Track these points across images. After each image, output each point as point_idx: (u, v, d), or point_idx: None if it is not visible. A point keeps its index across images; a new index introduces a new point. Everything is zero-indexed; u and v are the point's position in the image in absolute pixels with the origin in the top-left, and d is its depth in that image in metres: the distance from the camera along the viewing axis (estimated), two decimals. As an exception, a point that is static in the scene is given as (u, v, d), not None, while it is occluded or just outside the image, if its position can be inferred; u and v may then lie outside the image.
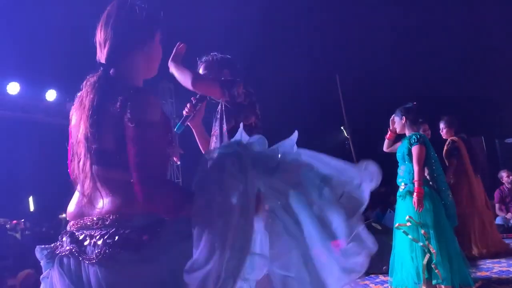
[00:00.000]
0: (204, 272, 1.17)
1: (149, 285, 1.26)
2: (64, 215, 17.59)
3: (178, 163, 1.92)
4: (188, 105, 2.65)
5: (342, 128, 15.13)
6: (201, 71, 2.74)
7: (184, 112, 2.66)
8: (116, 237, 1.28)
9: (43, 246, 1.44)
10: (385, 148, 4.60)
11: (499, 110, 13.62)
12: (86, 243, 1.32)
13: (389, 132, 4.40)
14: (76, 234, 1.37)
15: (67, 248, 1.35)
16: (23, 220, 15.40)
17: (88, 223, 1.36)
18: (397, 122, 4.12)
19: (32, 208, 23.20)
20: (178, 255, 1.28)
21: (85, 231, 1.35)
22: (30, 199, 23.53)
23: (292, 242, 1.41)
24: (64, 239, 1.40)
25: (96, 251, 1.27)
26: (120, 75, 1.50)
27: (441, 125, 5.68)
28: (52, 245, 1.43)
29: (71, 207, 1.46)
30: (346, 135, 14.86)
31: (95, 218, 1.35)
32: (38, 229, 12.08)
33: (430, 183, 3.95)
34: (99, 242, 1.28)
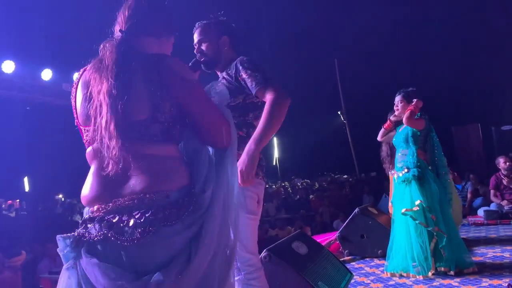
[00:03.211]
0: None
1: (182, 246, 1.32)
2: (60, 196, 17.63)
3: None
4: None
5: (339, 113, 15.14)
6: (196, 36, 2.40)
7: None
8: (159, 215, 1.29)
9: (65, 235, 1.36)
10: (379, 137, 4.57)
11: (495, 97, 13.65)
12: (122, 224, 1.29)
13: (387, 122, 4.36)
14: (107, 218, 1.32)
15: (100, 233, 1.30)
16: (18, 200, 15.43)
17: (120, 205, 1.32)
18: (405, 105, 4.02)
19: (27, 188, 23.24)
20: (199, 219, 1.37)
21: (118, 214, 1.31)
22: (25, 179, 23.55)
23: None
24: (90, 226, 1.34)
25: (139, 230, 1.27)
26: (137, 46, 1.50)
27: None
28: (74, 233, 1.36)
29: (91, 191, 1.39)
30: (343, 120, 14.88)
31: (129, 199, 1.32)
32: (33, 209, 12.09)
33: (430, 167, 3.95)
34: (141, 221, 1.28)
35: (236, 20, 2.43)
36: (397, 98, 4.10)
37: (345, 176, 18.55)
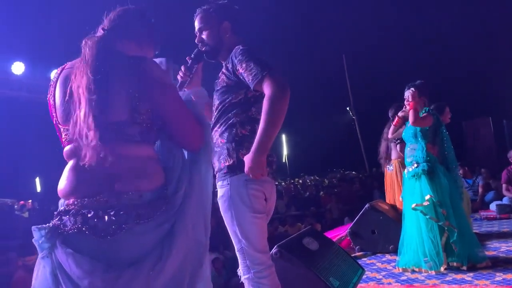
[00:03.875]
0: None
1: (155, 243, 1.38)
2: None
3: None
4: (182, 68, 2.20)
5: (348, 109, 15.08)
6: (196, 24, 2.27)
7: (178, 78, 2.20)
8: (131, 214, 1.34)
9: (39, 226, 1.38)
10: (390, 134, 4.55)
11: (507, 91, 13.50)
12: (96, 220, 1.33)
13: (396, 118, 4.33)
14: (82, 212, 1.35)
15: (74, 227, 1.34)
16: (30, 200, 15.58)
17: (96, 201, 1.36)
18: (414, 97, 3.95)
19: (39, 188, 23.47)
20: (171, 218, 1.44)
21: (94, 209, 1.35)
22: (37, 179, 23.79)
23: None
24: (66, 218, 1.37)
25: (113, 227, 1.32)
26: (117, 46, 1.54)
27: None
28: (49, 224, 1.39)
29: (67, 184, 1.42)
30: (352, 115, 14.81)
31: (105, 195, 1.36)
32: (45, 209, 12.19)
33: (440, 161, 3.91)
34: (114, 218, 1.32)
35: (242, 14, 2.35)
36: (407, 93, 4.05)
37: (354, 172, 18.47)
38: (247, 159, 1.94)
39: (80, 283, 1.29)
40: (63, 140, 1.48)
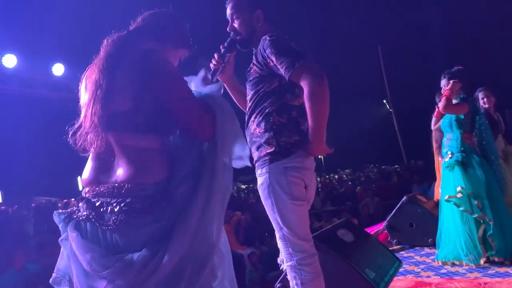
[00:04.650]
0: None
1: (155, 238, 1.40)
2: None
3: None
4: (216, 56, 2.18)
5: (384, 101, 14.78)
6: (228, 11, 2.22)
7: (211, 66, 2.18)
8: (132, 206, 1.38)
9: (60, 211, 1.54)
10: (432, 126, 4.41)
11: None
12: (102, 209, 1.41)
13: (436, 109, 4.19)
14: (92, 200, 1.44)
15: (84, 213, 1.44)
16: (73, 199, 16.15)
17: (104, 190, 1.43)
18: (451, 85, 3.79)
19: (80, 187, 24.32)
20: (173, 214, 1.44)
21: (101, 198, 1.42)
22: (78, 178, 24.65)
23: None
24: (80, 204, 1.48)
25: (113, 218, 1.38)
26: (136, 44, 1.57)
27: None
28: (69, 210, 1.53)
29: (86, 173, 1.51)
30: (389, 108, 14.51)
31: (110, 187, 1.42)
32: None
33: (478, 151, 3.77)
34: (116, 209, 1.38)
35: (278, 18, 2.32)
36: (443, 82, 3.90)
37: (394, 166, 18.11)
38: (311, 154, 2.05)
39: (82, 257, 1.39)
40: (74, 129, 1.58)
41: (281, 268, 2.17)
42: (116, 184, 1.42)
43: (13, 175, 14.20)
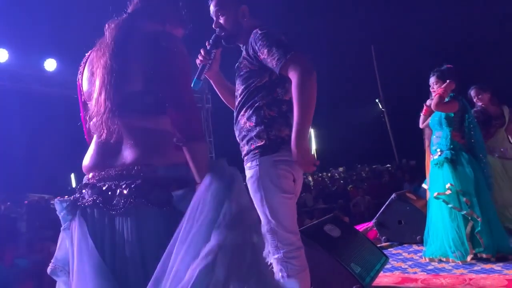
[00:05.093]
0: None
1: (168, 231, 1.30)
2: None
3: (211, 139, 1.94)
4: (202, 52, 2.16)
5: (377, 101, 14.85)
6: (211, 8, 2.21)
7: (197, 62, 2.16)
8: (143, 188, 1.33)
9: (61, 198, 1.45)
10: (421, 124, 4.45)
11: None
12: (110, 193, 1.35)
13: (424, 107, 4.23)
14: (98, 185, 1.39)
15: (90, 199, 1.38)
16: (66, 196, 16.06)
17: (111, 173, 1.38)
18: (441, 85, 3.82)
19: (74, 184, 24.18)
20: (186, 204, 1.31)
21: (108, 182, 1.37)
22: (72, 175, 24.51)
23: None
24: (84, 191, 1.42)
25: (122, 201, 1.32)
26: (138, 26, 1.55)
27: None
28: (71, 197, 1.45)
29: (89, 159, 1.47)
30: (381, 107, 14.58)
31: (119, 169, 1.37)
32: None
33: (466, 149, 3.80)
34: (125, 192, 1.33)
35: (269, 13, 2.32)
36: (432, 79, 3.93)
37: (386, 165, 18.20)
38: (293, 154, 1.93)
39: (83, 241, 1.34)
40: (88, 116, 1.52)
41: (266, 261, 2.18)
42: (125, 166, 1.37)
43: (5, 171, 14.13)
